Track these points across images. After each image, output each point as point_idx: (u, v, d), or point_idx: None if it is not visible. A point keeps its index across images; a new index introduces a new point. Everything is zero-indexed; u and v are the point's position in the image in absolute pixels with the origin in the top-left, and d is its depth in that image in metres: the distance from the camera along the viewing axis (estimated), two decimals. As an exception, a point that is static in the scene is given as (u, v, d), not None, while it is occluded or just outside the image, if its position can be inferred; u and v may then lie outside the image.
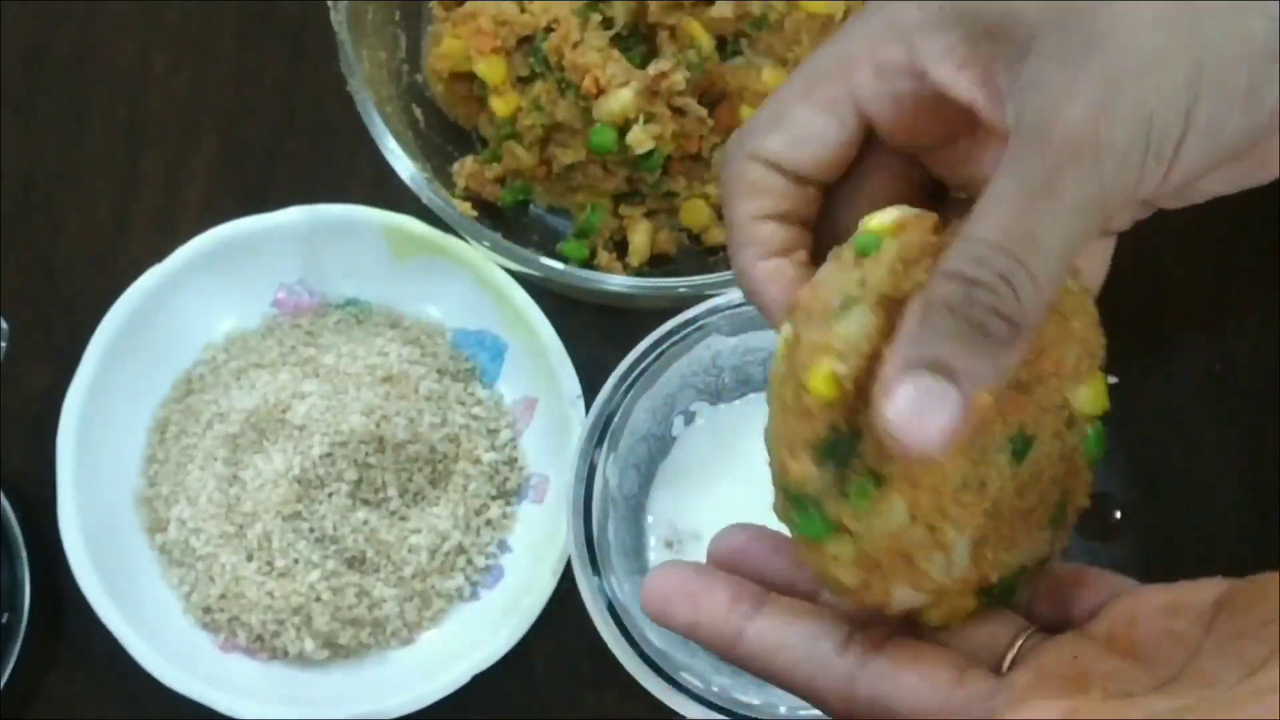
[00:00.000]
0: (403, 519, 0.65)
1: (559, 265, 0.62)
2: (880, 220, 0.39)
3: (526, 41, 0.65)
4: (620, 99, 0.63)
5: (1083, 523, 0.67)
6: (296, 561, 0.64)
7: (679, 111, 0.64)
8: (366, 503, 0.65)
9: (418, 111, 0.68)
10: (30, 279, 0.70)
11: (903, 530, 0.38)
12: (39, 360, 0.69)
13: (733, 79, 0.65)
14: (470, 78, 0.67)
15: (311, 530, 0.64)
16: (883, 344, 0.37)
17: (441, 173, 0.67)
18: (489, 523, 0.66)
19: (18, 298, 0.70)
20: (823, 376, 0.37)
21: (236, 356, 0.68)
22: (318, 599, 0.64)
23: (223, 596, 0.64)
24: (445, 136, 0.69)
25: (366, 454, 0.65)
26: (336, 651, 0.65)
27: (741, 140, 0.42)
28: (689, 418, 0.64)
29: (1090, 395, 0.42)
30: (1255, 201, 0.71)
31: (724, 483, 0.64)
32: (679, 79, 0.63)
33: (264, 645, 0.65)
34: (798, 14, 0.65)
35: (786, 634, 0.41)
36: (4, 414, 0.68)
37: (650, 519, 0.64)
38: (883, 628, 0.41)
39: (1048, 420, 0.40)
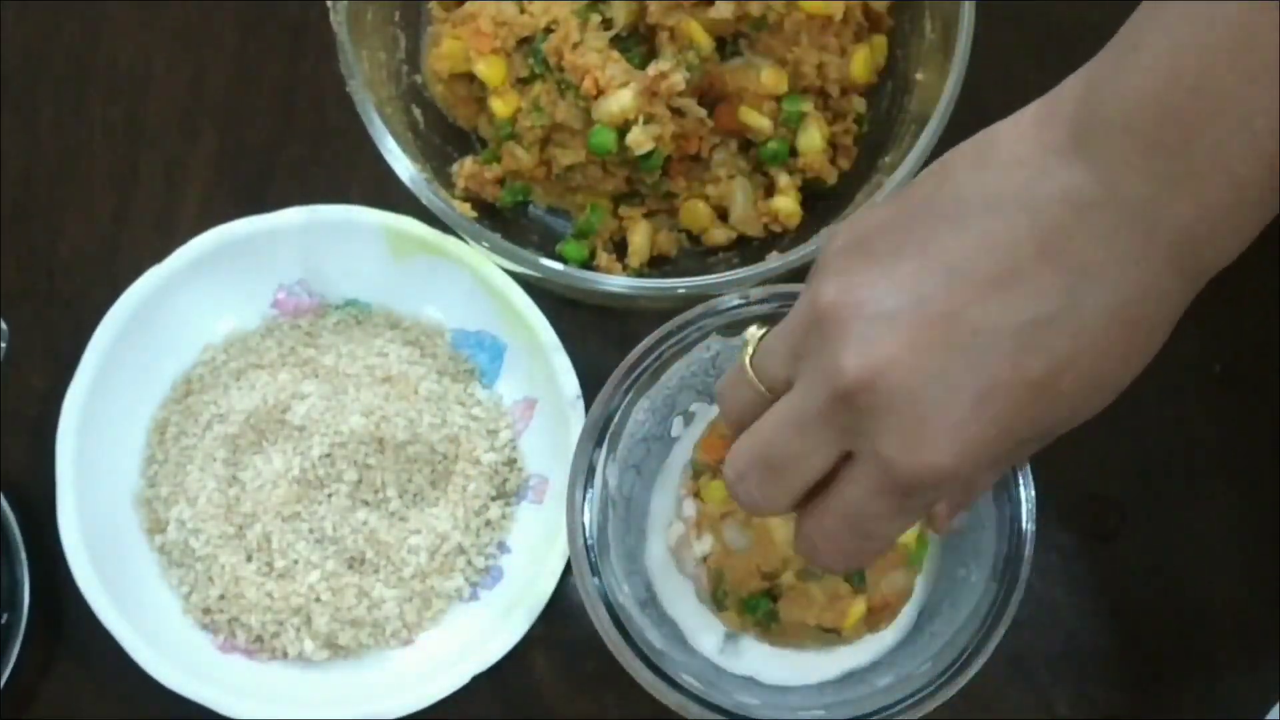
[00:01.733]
0: (402, 520, 0.65)
1: (558, 266, 0.62)
2: None
3: (526, 42, 0.65)
4: (620, 100, 0.63)
5: (1083, 523, 0.68)
6: (296, 562, 0.64)
7: (678, 112, 0.64)
8: (366, 503, 0.65)
9: (417, 112, 0.68)
10: (30, 279, 0.70)
11: None
12: (39, 360, 0.69)
13: (732, 80, 0.65)
14: (470, 78, 0.67)
15: (311, 531, 0.64)
16: None
17: (441, 173, 0.67)
18: (488, 523, 0.66)
19: (18, 298, 0.70)
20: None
21: (236, 357, 0.68)
22: (317, 600, 0.64)
23: (222, 597, 0.64)
24: (445, 137, 0.69)
25: (366, 455, 0.65)
26: (336, 652, 0.65)
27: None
28: (689, 418, 0.64)
29: None
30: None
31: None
32: (678, 80, 0.63)
33: (264, 646, 0.65)
34: (797, 14, 0.65)
35: None
36: (4, 414, 0.68)
37: (650, 520, 0.64)
38: None
39: None
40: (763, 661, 0.62)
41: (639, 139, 0.63)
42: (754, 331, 0.49)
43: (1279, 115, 0.41)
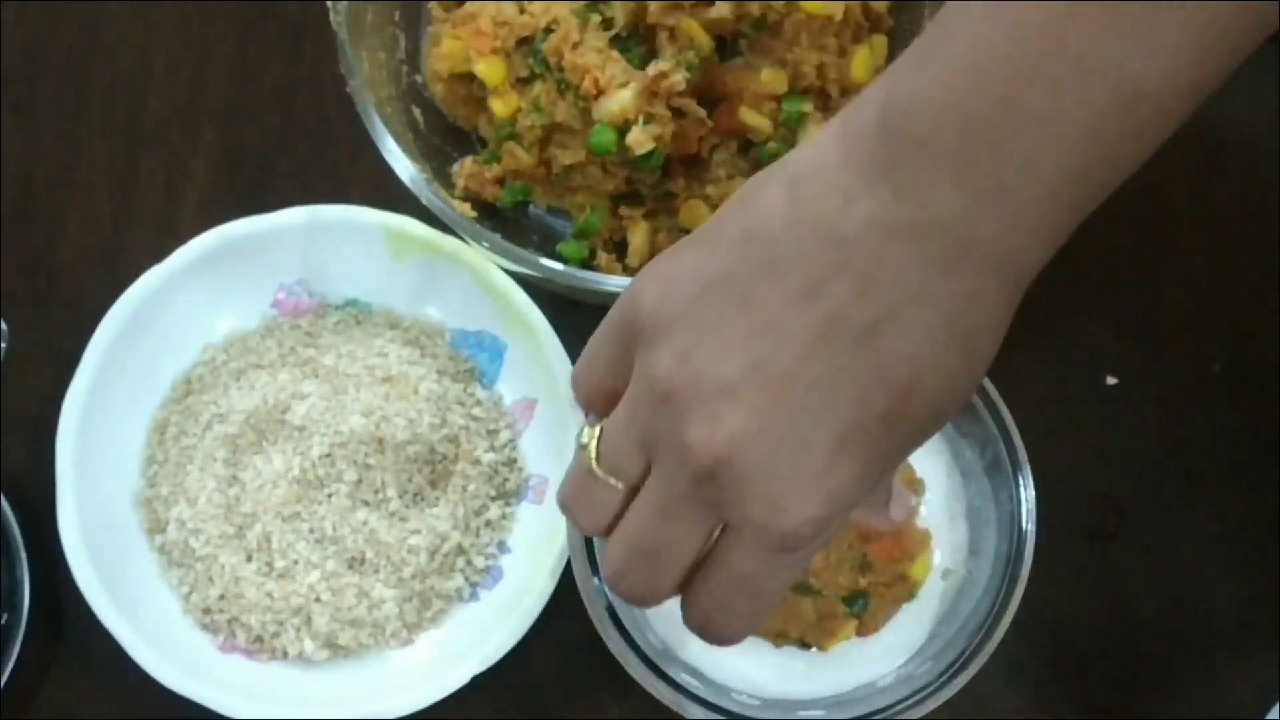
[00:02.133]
0: (402, 520, 0.65)
1: (558, 266, 0.62)
2: None
3: (526, 42, 0.65)
4: (620, 100, 0.63)
5: (1083, 523, 0.68)
6: (296, 562, 0.64)
7: (678, 112, 0.64)
8: (366, 503, 0.65)
9: (417, 112, 0.68)
10: (30, 279, 0.70)
11: None
12: (39, 360, 0.69)
13: (732, 80, 0.65)
14: (470, 78, 0.67)
15: (311, 531, 0.64)
16: None
17: (441, 173, 0.67)
18: (488, 523, 0.66)
19: (18, 298, 0.70)
20: None
21: (236, 357, 0.68)
22: (317, 600, 0.64)
23: (222, 597, 0.64)
24: (445, 137, 0.69)
25: (366, 455, 0.65)
26: (336, 652, 0.65)
27: None
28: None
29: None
30: (1255, 202, 0.71)
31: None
32: (678, 79, 0.63)
33: (264, 646, 0.65)
34: (797, 15, 0.64)
35: None
36: (4, 414, 0.68)
37: None
38: None
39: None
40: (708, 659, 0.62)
41: (639, 139, 0.63)
42: (587, 433, 0.47)
43: (1087, 123, 0.40)
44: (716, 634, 0.48)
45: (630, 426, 0.46)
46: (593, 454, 0.47)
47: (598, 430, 0.47)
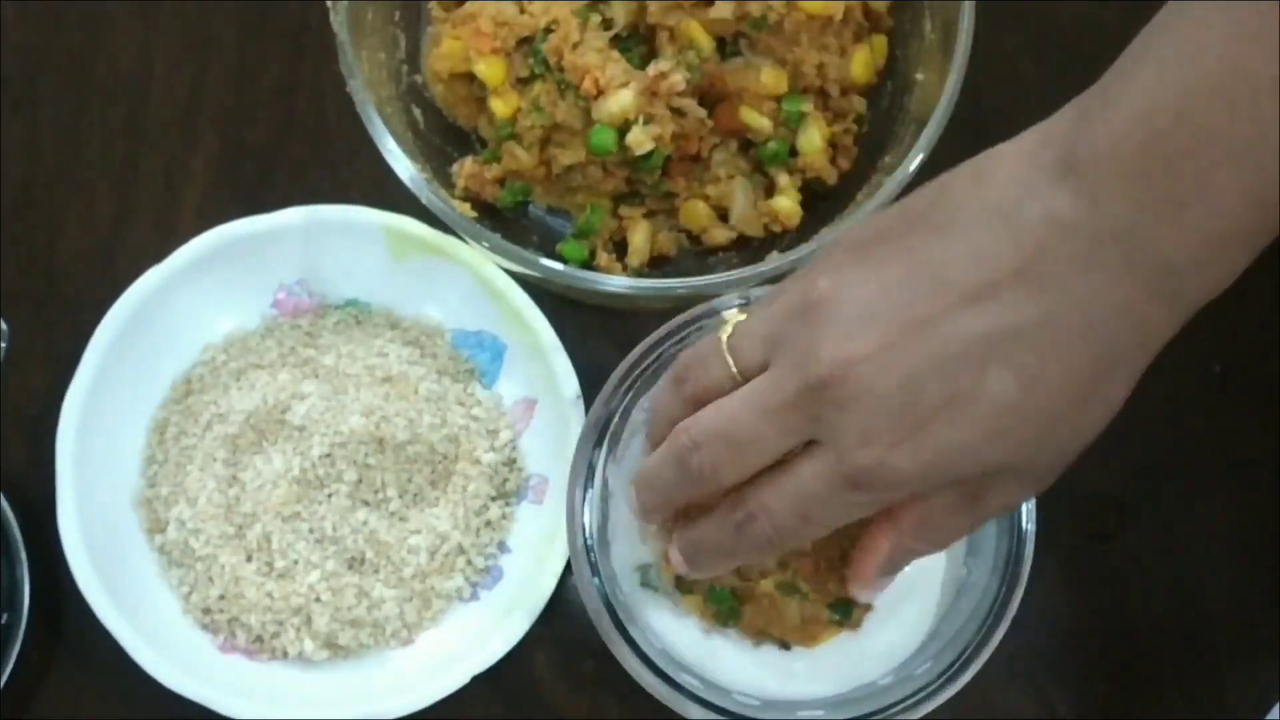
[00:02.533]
0: (402, 520, 0.65)
1: (558, 266, 0.62)
2: None
3: (526, 42, 0.65)
4: (620, 100, 0.63)
5: (1083, 523, 0.68)
6: (296, 562, 0.64)
7: (678, 112, 0.64)
8: (366, 503, 0.65)
9: (417, 112, 0.68)
10: (30, 279, 0.70)
11: None
12: (39, 360, 0.69)
13: (732, 80, 0.65)
14: (470, 78, 0.67)
15: (311, 531, 0.64)
16: None
17: (441, 173, 0.67)
18: (488, 523, 0.66)
19: (18, 298, 0.70)
20: None
21: (236, 357, 0.68)
22: (317, 600, 0.64)
23: (222, 597, 0.65)
24: (445, 137, 0.69)
25: (366, 455, 0.65)
26: (336, 652, 0.65)
27: None
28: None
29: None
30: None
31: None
32: (678, 80, 0.63)
33: (264, 646, 0.65)
34: (797, 15, 0.65)
35: None
36: (4, 414, 0.68)
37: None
38: None
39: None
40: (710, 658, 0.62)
41: (639, 139, 0.63)
42: (734, 313, 0.50)
43: (1260, 142, 0.42)
44: (749, 536, 0.50)
45: (767, 321, 0.48)
46: (726, 332, 0.50)
47: (742, 316, 0.50)
